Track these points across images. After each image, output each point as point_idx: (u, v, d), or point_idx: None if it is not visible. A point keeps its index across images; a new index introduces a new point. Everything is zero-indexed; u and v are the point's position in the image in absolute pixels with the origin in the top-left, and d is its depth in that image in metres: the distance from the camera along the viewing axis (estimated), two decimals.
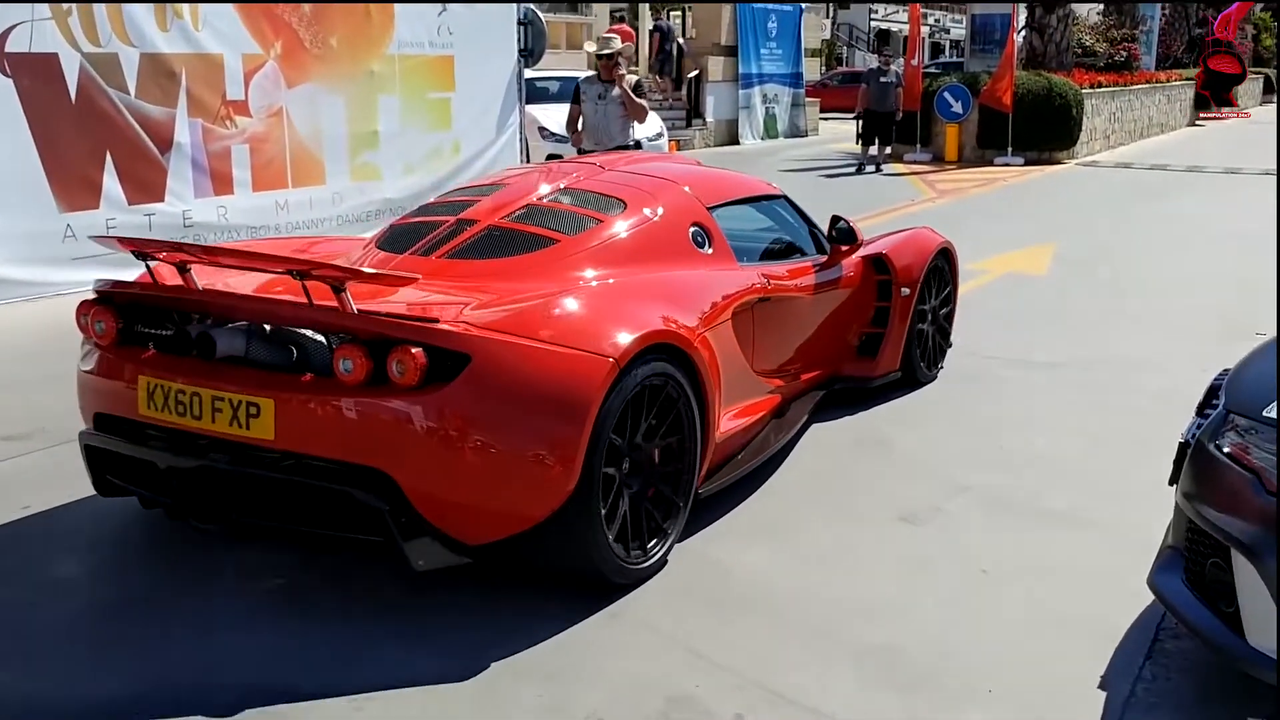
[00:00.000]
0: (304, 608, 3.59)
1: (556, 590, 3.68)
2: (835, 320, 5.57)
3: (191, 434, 3.57)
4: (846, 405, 5.71)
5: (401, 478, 3.35)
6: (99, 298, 3.88)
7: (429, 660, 3.27)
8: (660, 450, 3.85)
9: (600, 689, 3.14)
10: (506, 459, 3.41)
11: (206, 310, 3.74)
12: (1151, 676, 3.23)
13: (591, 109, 8.89)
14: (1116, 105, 23.39)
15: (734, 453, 4.49)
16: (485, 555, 3.59)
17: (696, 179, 5.21)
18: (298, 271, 3.44)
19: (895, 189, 15.80)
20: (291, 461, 3.47)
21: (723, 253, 4.84)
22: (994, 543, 4.15)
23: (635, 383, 3.62)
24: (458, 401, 3.34)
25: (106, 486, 3.93)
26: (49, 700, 3.06)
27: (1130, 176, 18.14)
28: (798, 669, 3.25)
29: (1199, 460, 3.09)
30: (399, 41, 10.74)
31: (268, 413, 3.42)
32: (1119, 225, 12.53)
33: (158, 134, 8.85)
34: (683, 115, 22.59)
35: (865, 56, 46.92)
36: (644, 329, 3.73)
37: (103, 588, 3.78)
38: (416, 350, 3.30)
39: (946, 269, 6.41)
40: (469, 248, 4.29)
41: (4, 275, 7.87)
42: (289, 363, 3.60)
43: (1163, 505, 3.45)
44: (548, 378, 3.46)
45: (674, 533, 3.93)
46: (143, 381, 3.64)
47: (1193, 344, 6.99)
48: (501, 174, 5.51)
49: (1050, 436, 5.35)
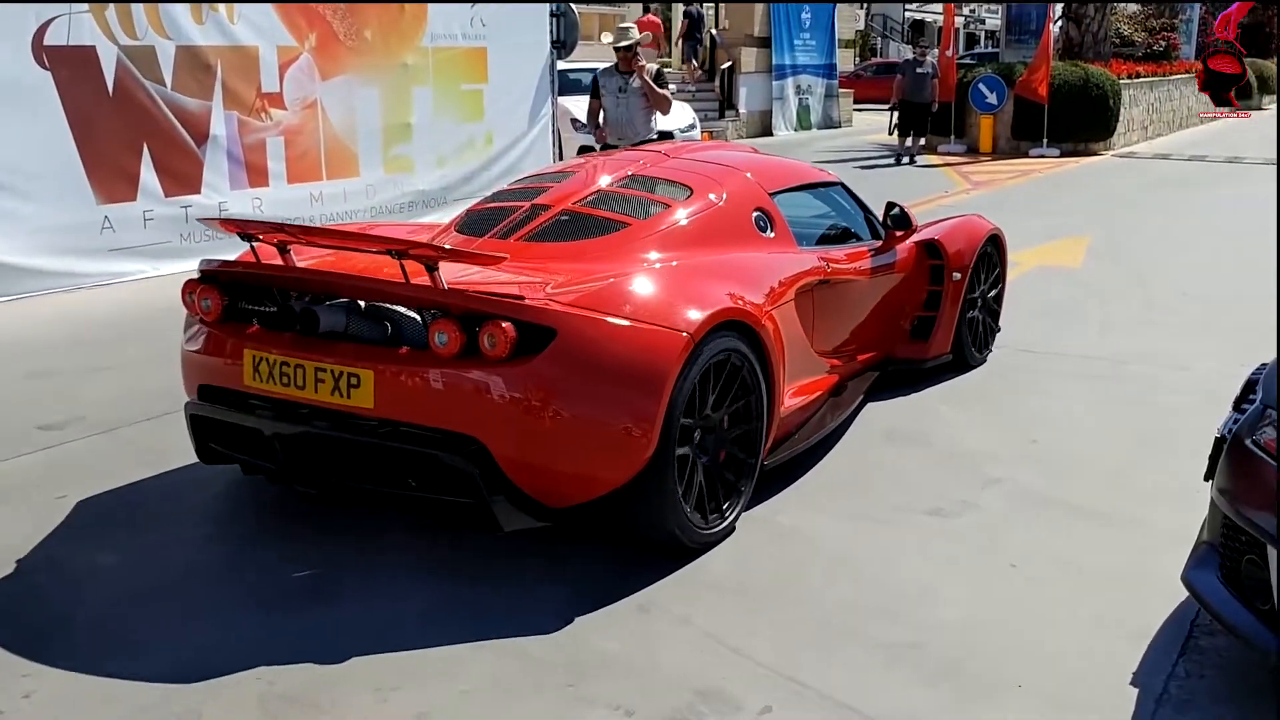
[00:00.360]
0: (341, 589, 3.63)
1: (586, 583, 3.70)
2: (889, 303, 5.75)
3: (294, 403, 3.79)
4: (882, 391, 5.74)
5: (491, 444, 3.56)
6: (204, 277, 4.11)
7: (450, 650, 3.28)
8: (729, 421, 4.04)
9: (629, 680, 3.15)
10: (588, 427, 3.61)
11: (307, 288, 3.93)
12: (1185, 674, 3.20)
13: (613, 102, 8.53)
14: (1155, 96, 23.15)
15: (795, 429, 4.66)
16: (565, 519, 3.79)
17: (758, 166, 5.41)
18: (396, 251, 3.63)
19: (928, 180, 15.70)
20: (388, 428, 3.68)
21: (784, 237, 5.03)
22: (1024, 537, 4.12)
23: (707, 357, 3.82)
24: (544, 373, 3.54)
25: (209, 454, 4.18)
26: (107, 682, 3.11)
27: (1168, 168, 17.95)
28: (825, 662, 3.25)
29: (1235, 455, 3.05)
30: (432, 34, 10.79)
31: (367, 383, 3.64)
32: (1156, 217, 12.41)
33: (194, 126, 8.94)
34: (716, 106, 22.53)
35: (900, 47, 46.65)
36: (715, 306, 3.92)
37: (138, 573, 3.82)
38: (507, 324, 3.51)
39: (996, 255, 6.56)
40: (544, 231, 4.52)
41: (43, 266, 7.96)
42: (384, 337, 3.82)
43: (1197, 501, 3.42)
44: (627, 351, 3.66)
45: (741, 500, 4.13)
46: (248, 355, 3.87)
47: (1229, 338, 6.91)
48: (570, 162, 5.76)
49: (1082, 431, 5.30)
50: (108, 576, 3.77)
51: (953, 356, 6.14)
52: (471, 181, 11.35)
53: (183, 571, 3.81)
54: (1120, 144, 20.64)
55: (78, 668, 3.18)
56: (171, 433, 5.15)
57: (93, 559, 3.89)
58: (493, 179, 11.51)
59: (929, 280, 6.02)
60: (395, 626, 3.42)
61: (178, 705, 3.01)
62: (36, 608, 3.54)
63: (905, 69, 18.69)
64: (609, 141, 8.60)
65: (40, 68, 7.90)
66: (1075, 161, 18.61)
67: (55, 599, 3.60)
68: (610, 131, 8.61)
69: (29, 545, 3.96)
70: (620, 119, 8.53)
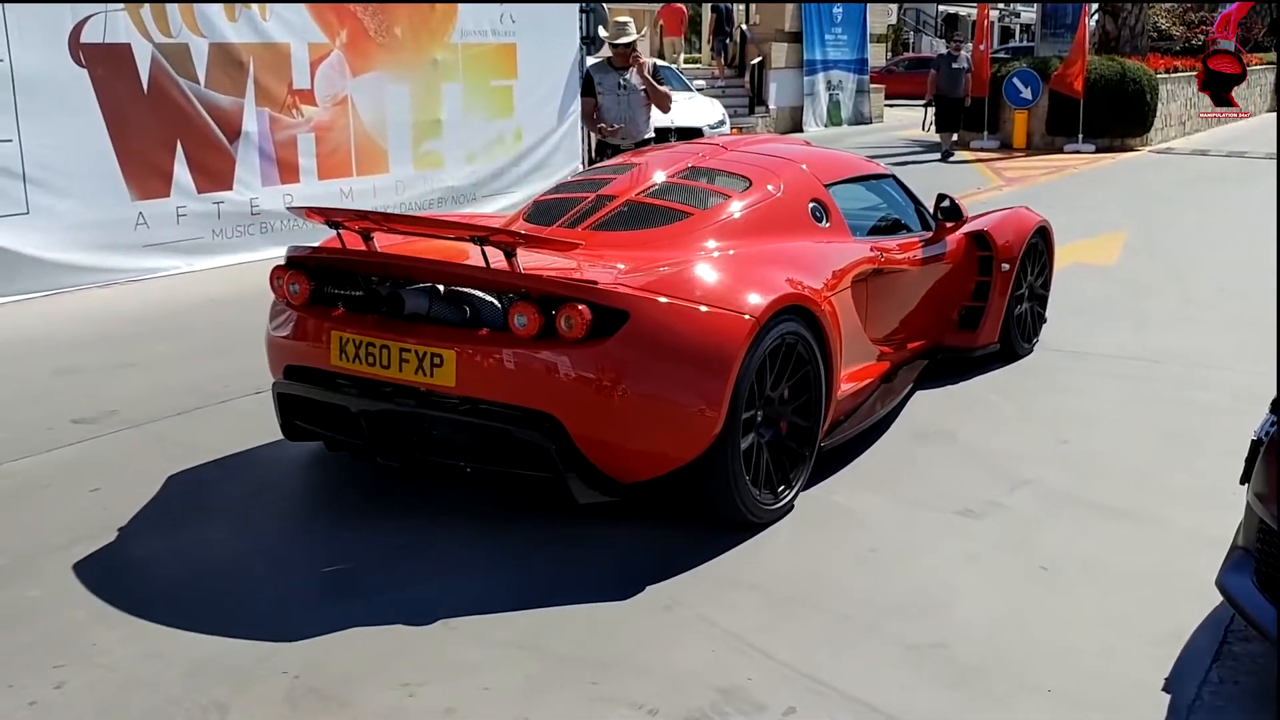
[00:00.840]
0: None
1: (610, 581, 3.69)
2: (939, 293, 5.87)
3: (378, 382, 3.97)
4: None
5: (567, 421, 3.75)
6: (292, 262, 4.30)
7: (476, 647, 3.28)
8: (790, 402, 4.21)
9: (652, 679, 3.13)
10: (659, 405, 3.79)
11: (392, 272, 4.10)
12: (1219, 679, 3.15)
13: (613, 101, 8.16)
14: (1193, 91, 22.85)
15: (850, 411, 4.80)
16: (635, 493, 3.97)
17: (813, 158, 5.58)
18: (478, 237, 3.82)
19: (961, 176, 15.58)
20: (469, 406, 3.85)
21: (839, 227, 5.19)
22: (1054, 539, 4.07)
23: (771, 340, 3.99)
24: (617, 353, 3.73)
25: (295, 431, 4.41)
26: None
27: (1206, 164, 17.75)
28: (850, 662, 3.22)
29: (1272, 459, 3.00)
30: (462, 30, 10.81)
31: (450, 362, 3.82)
32: (1193, 214, 12.27)
33: (226, 123, 9.00)
34: (746, 102, 22.46)
35: (933, 42, 46.33)
36: (778, 292, 4.10)
37: (169, 567, 3.84)
38: (583, 307, 3.69)
39: (1043, 247, 6.64)
40: (611, 220, 4.70)
41: (78, 262, 8.04)
42: (464, 319, 3.99)
43: (1232, 504, 3.36)
44: (696, 333, 3.85)
45: (801, 478, 4.29)
46: (334, 336, 4.06)
47: (1268, 336, 6.80)
48: (631, 155, 5.94)
49: (1115, 431, 5.24)
50: (137, 571, 3.79)
51: (1000, 346, 6.23)
52: (501, 178, 11.37)
53: (213, 565, 3.83)
54: (1157, 140, 20.41)
55: (107, 661, 3.20)
56: (201, 428, 5.20)
57: (123, 553, 3.91)
58: (522, 175, 11.53)
59: (978, 271, 6.13)
60: (423, 623, 3.42)
61: (203, 697, 3.02)
62: (68, 600, 3.56)
63: (940, 64, 18.55)
64: (611, 141, 8.23)
65: (76, 65, 7.97)
66: (1111, 157, 18.42)
67: (86, 592, 3.62)
68: (608, 131, 8.23)
69: (61, 539, 3.99)
70: (623, 116, 8.19)
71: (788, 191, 5.03)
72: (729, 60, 24.05)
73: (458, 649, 3.28)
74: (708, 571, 3.79)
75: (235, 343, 6.69)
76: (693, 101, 17.14)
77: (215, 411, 5.46)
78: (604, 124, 8.19)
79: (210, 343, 6.75)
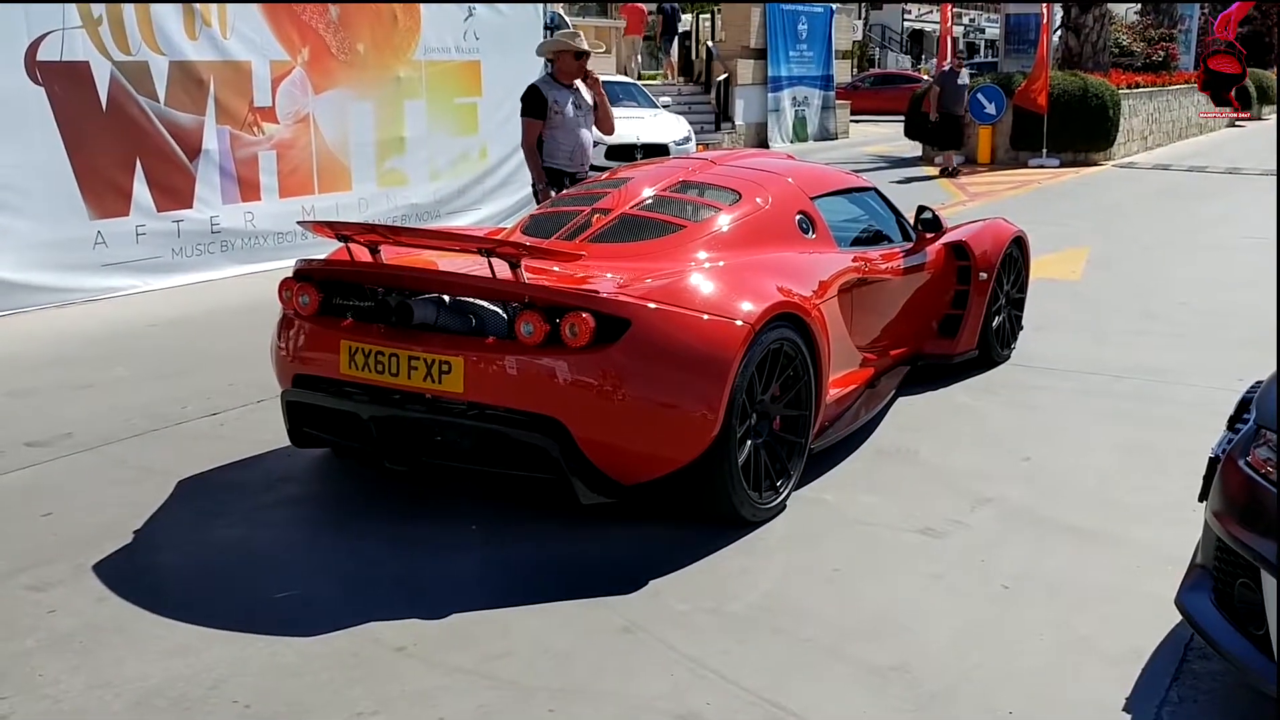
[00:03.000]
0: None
1: (569, 606, 3.64)
2: (920, 301, 6.05)
3: (387, 389, 4.11)
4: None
5: (571, 425, 3.89)
6: (300, 275, 4.44)
7: (429, 676, 3.23)
8: (783, 405, 4.38)
9: (609, 706, 3.08)
10: (659, 409, 3.94)
11: (400, 283, 4.23)
12: (1178, 699, 3.14)
13: (575, 122, 7.24)
14: (1154, 106, 23.14)
15: (836, 417, 4.95)
16: (635, 495, 4.11)
17: (798, 172, 5.77)
18: (485, 250, 3.98)
19: (924, 192, 15.65)
20: (476, 411, 3.99)
21: (824, 238, 5.36)
22: (1016, 558, 4.05)
23: (765, 345, 4.16)
24: (620, 359, 3.88)
25: (303, 438, 4.54)
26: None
27: (1168, 179, 17.92)
28: (811, 687, 3.18)
29: (1228, 476, 3.00)
30: (425, 47, 10.76)
31: (458, 369, 3.96)
32: (1155, 229, 12.37)
33: (186, 141, 8.92)
34: (712, 119, 22.51)
35: (898, 58, 46.68)
36: (771, 300, 4.27)
37: (124, 590, 3.76)
38: (587, 315, 3.85)
39: (1019, 256, 6.85)
40: (607, 233, 4.85)
41: (35, 282, 7.92)
42: (470, 328, 4.13)
43: (1193, 521, 3.36)
44: (694, 340, 4.00)
45: (793, 479, 4.45)
46: (343, 345, 4.20)
47: (1229, 353, 6.85)
48: (623, 169, 6.05)
49: (1078, 448, 5.24)
50: (87, 597, 3.70)
51: (979, 353, 6.39)
52: (465, 194, 11.32)
53: (165, 591, 3.74)
54: (1120, 154, 20.61)
55: (53, 691, 3.13)
56: (156, 451, 5.12)
57: (72, 579, 3.82)
58: (487, 191, 11.48)
59: (957, 280, 6.32)
60: (380, 648, 3.36)
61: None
62: (15, 628, 3.47)
63: (944, 80, 18.27)
64: (562, 167, 7.25)
65: (33, 83, 7.87)
66: (1075, 172, 18.57)
67: (34, 619, 3.53)
68: (565, 157, 7.25)
69: (9, 565, 3.90)
70: (584, 141, 7.33)
71: (775, 204, 5.19)
72: (696, 77, 24.12)
73: (413, 676, 3.22)
74: (669, 591, 3.75)
75: (193, 363, 6.62)
76: (658, 118, 17.15)
77: (171, 434, 5.38)
78: (559, 150, 7.24)
79: (168, 363, 6.66)
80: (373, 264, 4.32)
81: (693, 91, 23.73)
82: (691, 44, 25.00)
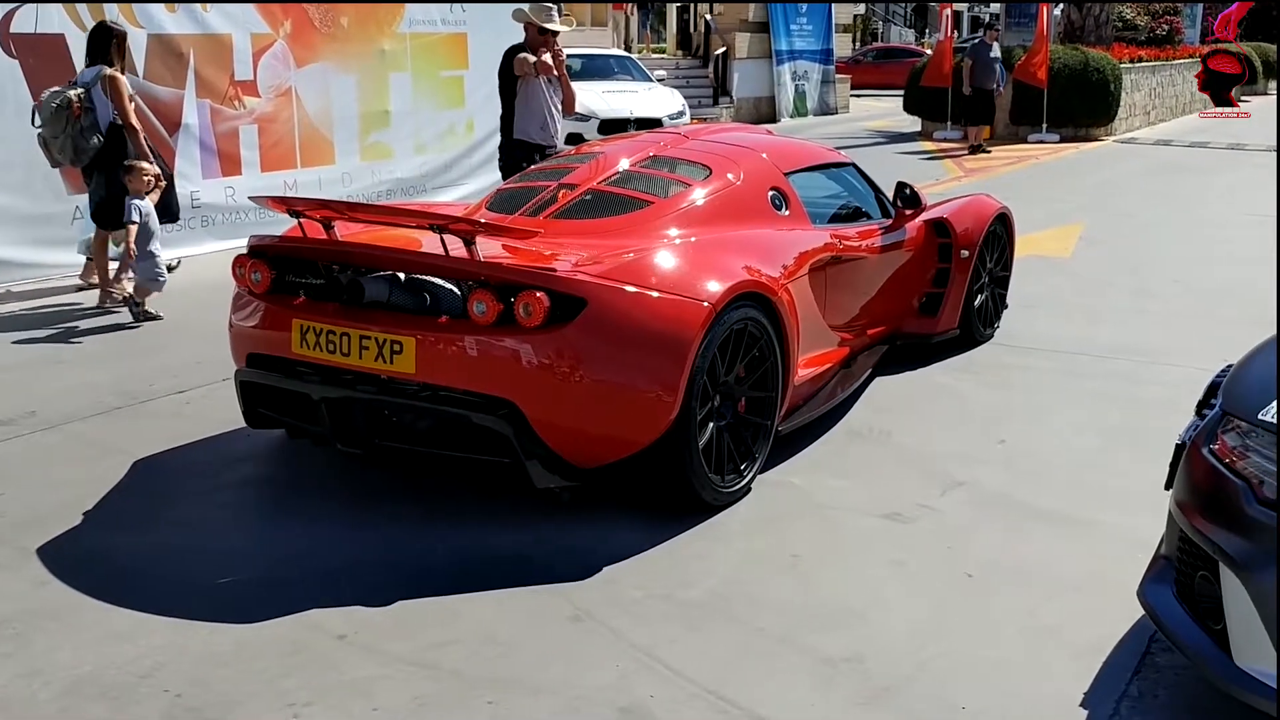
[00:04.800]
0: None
1: (519, 591, 3.55)
2: (899, 279, 5.91)
3: (339, 369, 4.00)
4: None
5: (526, 407, 3.78)
6: (254, 251, 4.31)
7: (364, 667, 3.13)
8: (747, 387, 4.28)
9: (552, 698, 2.99)
10: (616, 391, 3.84)
11: (352, 260, 4.13)
12: (1139, 693, 3.03)
13: (546, 95, 7.32)
14: (1157, 81, 22.89)
15: (808, 398, 4.85)
16: (594, 478, 4.00)
17: (773, 147, 5.65)
18: (437, 225, 3.88)
19: (921, 168, 15.49)
20: (429, 392, 3.89)
21: (798, 215, 5.23)
22: (984, 544, 3.95)
23: (727, 326, 4.05)
24: (576, 340, 3.77)
25: (257, 419, 4.40)
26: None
27: (1169, 154, 17.71)
28: (759, 678, 3.09)
29: (1192, 465, 2.89)
30: (410, 19, 10.62)
31: (410, 349, 3.85)
32: (1153, 205, 12.20)
33: (166, 115, 8.80)
34: (710, 93, 22.32)
35: (902, 32, 46.29)
36: (735, 279, 4.16)
37: (76, 575, 3.68)
38: (541, 294, 3.72)
39: (1003, 233, 6.71)
40: (572, 209, 4.73)
41: (12, 258, 7.86)
42: (424, 307, 4.03)
43: (1163, 506, 3.24)
44: (653, 320, 3.90)
45: (758, 462, 4.34)
46: (295, 324, 4.08)
47: (1221, 332, 6.71)
48: (594, 144, 5.98)
49: (1056, 430, 5.13)
50: (26, 582, 3.61)
51: (960, 332, 6.28)
52: (452, 169, 11.17)
53: (107, 576, 3.64)
54: (1122, 129, 20.38)
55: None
56: (119, 430, 5.03)
57: (13, 563, 3.73)
58: (474, 166, 11.34)
59: (938, 258, 6.18)
60: (317, 636, 3.27)
61: (78, 717, 2.88)
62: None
63: (977, 53, 17.82)
64: (533, 139, 7.31)
65: (7, 56, 7.75)
66: (1075, 147, 18.37)
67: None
68: (538, 131, 7.29)
69: None
70: (553, 114, 7.37)
71: (748, 180, 5.07)
72: (694, 51, 23.91)
73: (350, 665, 3.13)
74: (624, 578, 3.66)
75: (167, 339, 6.54)
76: (653, 92, 16.98)
77: (135, 412, 5.29)
78: (530, 122, 7.30)
79: (141, 339, 6.58)
80: (324, 241, 4.22)
81: (690, 65, 23.53)
82: (690, 17, 24.75)
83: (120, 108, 7.04)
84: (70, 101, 6.96)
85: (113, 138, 7.09)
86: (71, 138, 6.99)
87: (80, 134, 6.98)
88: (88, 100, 7.04)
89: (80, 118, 6.98)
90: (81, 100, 7.00)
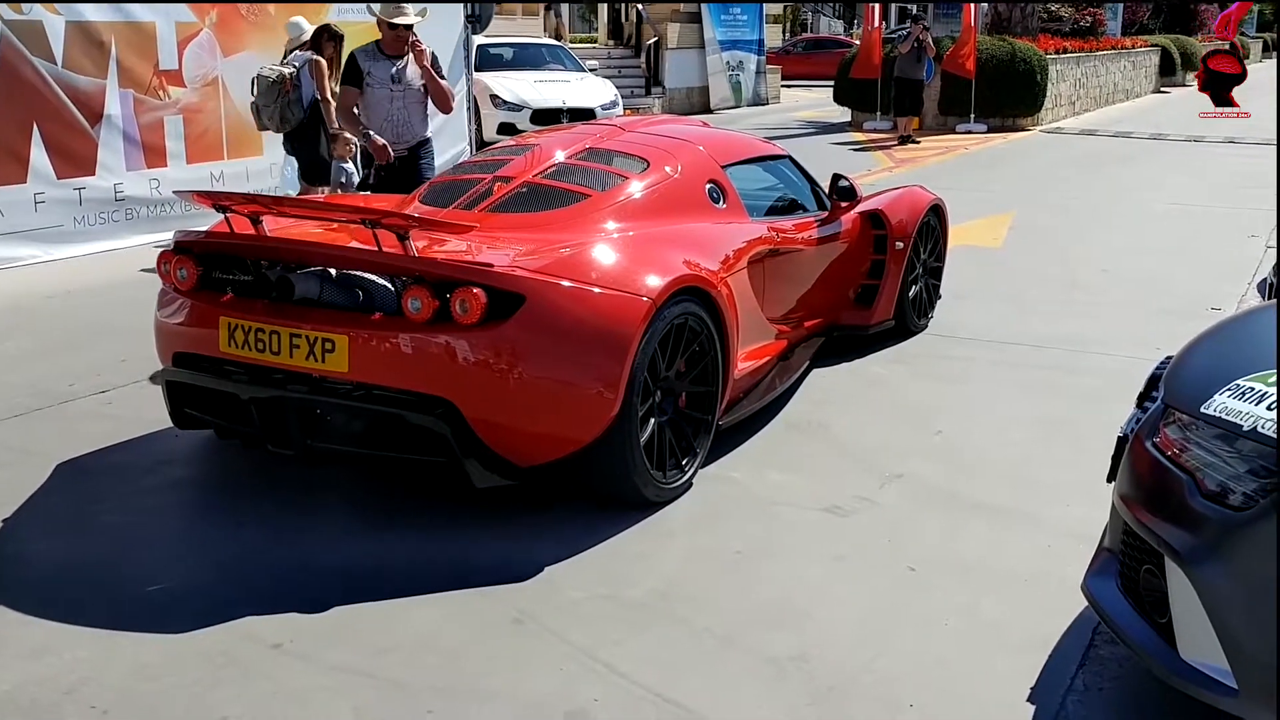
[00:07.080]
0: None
1: (459, 594, 3.48)
2: (835, 271, 5.92)
3: (269, 368, 3.88)
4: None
5: (463, 405, 3.70)
6: (180, 247, 4.21)
7: (308, 677, 3.05)
8: (687, 382, 4.25)
9: (495, 705, 2.93)
10: (556, 388, 3.78)
11: (282, 256, 4.04)
12: (1084, 686, 3.04)
13: (385, 95, 6.76)
14: (1081, 71, 23.22)
15: (746, 391, 4.82)
16: (534, 477, 3.94)
17: (710, 139, 5.63)
18: (370, 220, 3.80)
19: (853, 159, 15.57)
20: (363, 392, 3.79)
21: (735, 208, 5.20)
22: (924, 538, 3.94)
23: (667, 321, 4.01)
24: (514, 337, 3.70)
25: (184, 420, 4.29)
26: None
27: (1094, 144, 17.98)
28: (705, 678, 3.05)
29: (1135, 458, 2.89)
30: (339, 7, 10.42)
31: (342, 348, 3.76)
32: (1080, 194, 12.36)
33: (87, 105, 8.59)
34: (642, 83, 22.24)
35: (830, 23, 46.54)
36: (674, 273, 4.12)
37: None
38: (478, 290, 3.65)
39: (937, 225, 6.76)
40: (507, 202, 4.64)
41: None
42: (357, 304, 3.96)
43: (1102, 498, 3.25)
44: (593, 316, 3.84)
45: (699, 458, 4.33)
46: (223, 322, 3.97)
47: (1150, 321, 6.81)
48: (530, 136, 5.90)
49: (993, 422, 5.14)
50: None
51: (895, 323, 6.30)
52: None
53: (30, 585, 3.51)
54: (1048, 119, 20.65)
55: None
56: (37, 432, 4.86)
57: None
58: None
59: (873, 249, 6.20)
60: (251, 644, 3.17)
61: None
62: None
63: (900, 44, 17.95)
64: (381, 141, 6.77)
65: None
66: (1002, 137, 18.58)
67: None
68: (378, 129, 6.79)
69: None
70: (395, 117, 6.82)
71: (685, 173, 5.04)
72: (626, 40, 23.79)
73: (287, 675, 3.04)
74: (565, 578, 3.60)
75: (90, 337, 6.35)
76: (585, 82, 16.88)
77: (56, 413, 5.12)
78: (367, 126, 6.81)
79: (63, 337, 6.37)
80: (252, 236, 4.10)
81: (623, 55, 23.42)
82: (622, 7, 24.63)
83: (320, 86, 7.90)
84: (284, 78, 7.97)
85: (314, 112, 8.03)
86: (280, 109, 8.00)
87: (287, 106, 8.01)
88: (296, 79, 7.99)
89: (290, 93, 7.98)
90: (292, 78, 7.98)
